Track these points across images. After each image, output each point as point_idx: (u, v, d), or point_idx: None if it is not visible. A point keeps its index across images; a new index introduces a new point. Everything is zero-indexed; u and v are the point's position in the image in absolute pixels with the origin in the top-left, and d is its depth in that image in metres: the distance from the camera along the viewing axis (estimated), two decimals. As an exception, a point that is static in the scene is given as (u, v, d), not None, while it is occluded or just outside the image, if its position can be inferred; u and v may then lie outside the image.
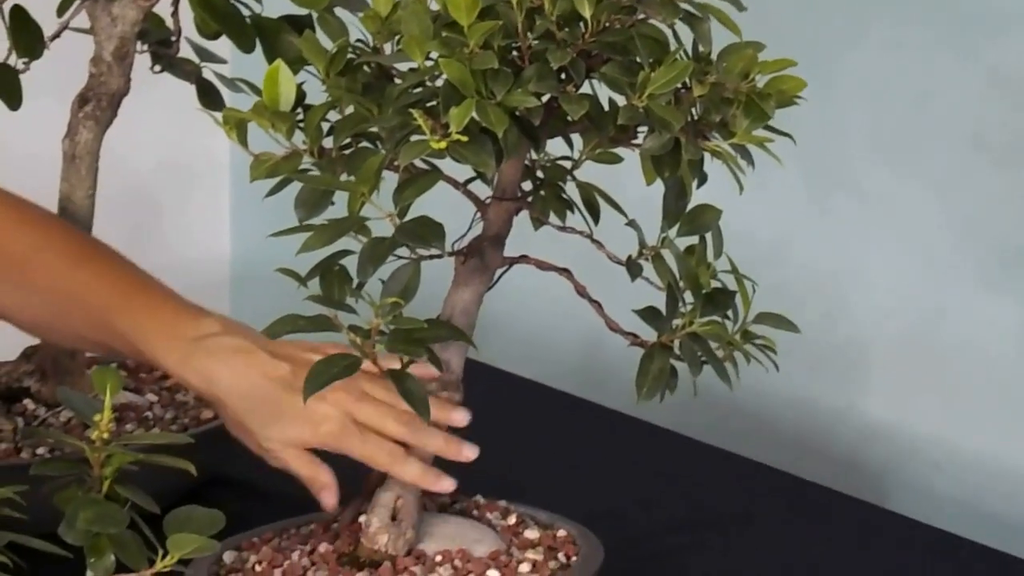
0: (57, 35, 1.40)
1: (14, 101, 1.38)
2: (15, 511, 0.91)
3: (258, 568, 1.16)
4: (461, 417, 1.16)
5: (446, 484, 1.15)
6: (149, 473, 1.01)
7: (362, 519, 1.16)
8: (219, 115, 1.12)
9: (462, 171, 1.14)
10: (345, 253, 1.12)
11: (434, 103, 1.06)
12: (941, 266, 1.69)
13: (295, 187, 1.11)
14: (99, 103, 1.38)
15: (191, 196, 2.36)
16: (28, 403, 1.42)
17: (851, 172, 1.75)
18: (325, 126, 1.12)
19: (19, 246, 1.24)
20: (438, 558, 1.15)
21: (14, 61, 1.39)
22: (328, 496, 1.16)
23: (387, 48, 1.14)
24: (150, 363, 1.21)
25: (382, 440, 1.15)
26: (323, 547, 1.17)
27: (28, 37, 1.38)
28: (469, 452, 1.16)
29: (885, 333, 1.73)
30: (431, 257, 1.12)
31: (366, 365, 1.09)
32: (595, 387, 1.74)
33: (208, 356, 1.16)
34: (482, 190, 1.17)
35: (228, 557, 1.17)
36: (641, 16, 1.08)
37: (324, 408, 1.14)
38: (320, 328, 1.10)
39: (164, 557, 0.94)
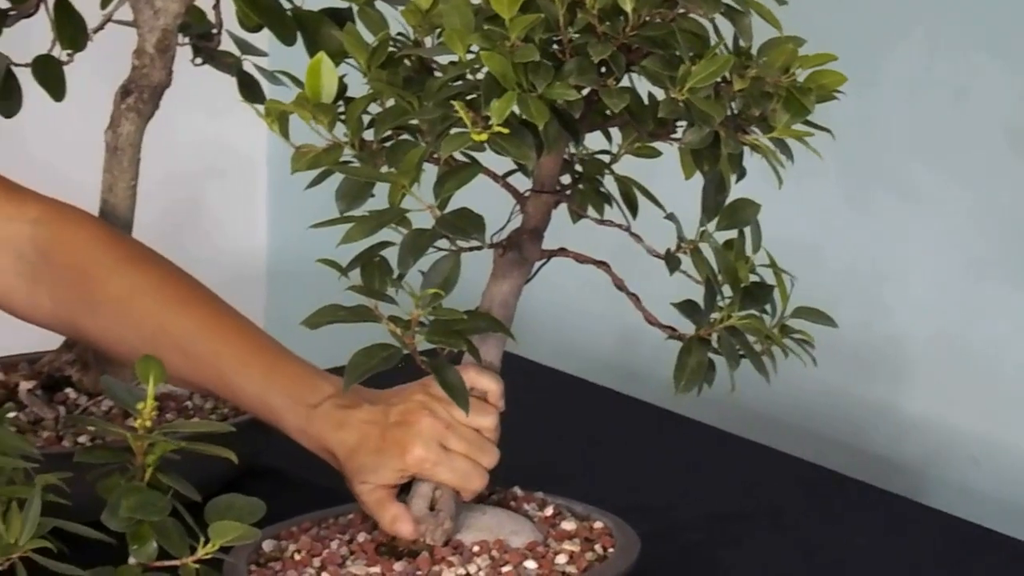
0: (100, 27, 1.41)
1: (58, 92, 1.39)
2: (59, 497, 0.91)
3: (297, 557, 1.17)
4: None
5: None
6: (189, 462, 1.01)
7: (400, 509, 1.17)
8: (261, 107, 1.13)
9: (501, 165, 1.15)
10: (385, 245, 1.12)
11: (475, 96, 1.07)
12: (978, 263, 1.68)
13: (332, 181, 1.12)
14: (141, 95, 1.39)
15: (228, 189, 2.38)
16: (70, 392, 1.43)
17: (888, 170, 1.74)
18: (366, 119, 1.12)
19: (118, 287, 1.24)
20: (475, 548, 1.15)
21: (58, 53, 1.40)
22: (402, 526, 1.15)
23: (428, 41, 1.14)
24: (265, 419, 1.22)
25: (474, 464, 1.15)
26: (361, 537, 1.18)
27: (72, 29, 1.40)
28: None
29: (922, 330, 1.73)
30: (471, 249, 1.12)
31: (442, 391, 1.11)
32: (631, 381, 1.74)
33: (323, 421, 1.18)
34: (521, 183, 1.18)
35: (267, 546, 1.18)
36: (682, 10, 1.09)
37: (412, 436, 1.15)
38: (360, 319, 1.10)
39: (205, 544, 0.95)
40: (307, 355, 1.27)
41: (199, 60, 1.46)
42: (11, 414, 1.38)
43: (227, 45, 1.46)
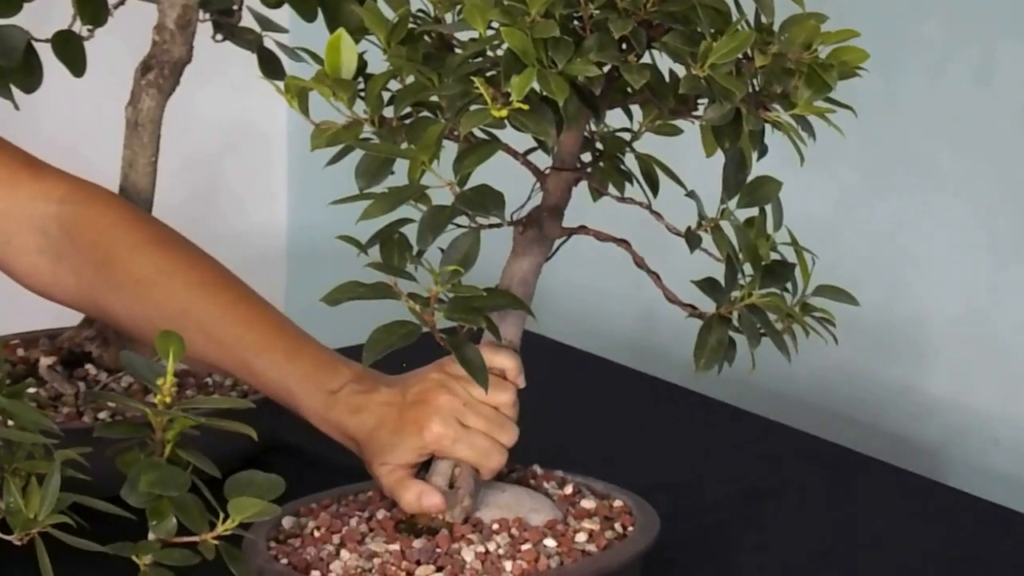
0: (121, 2, 1.41)
1: (78, 68, 1.39)
2: (79, 473, 0.92)
3: (316, 534, 1.17)
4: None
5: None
6: (208, 438, 1.02)
7: (419, 487, 1.17)
8: (281, 84, 1.13)
9: (521, 142, 1.14)
10: (405, 222, 1.12)
11: (495, 72, 1.06)
12: (1000, 244, 1.68)
13: (351, 159, 1.11)
14: (162, 71, 1.39)
15: (247, 167, 2.38)
16: (90, 368, 1.43)
17: (910, 149, 1.74)
18: (386, 95, 1.12)
19: (143, 268, 1.24)
20: (495, 526, 1.15)
21: (79, 28, 1.40)
22: (429, 499, 1.15)
23: (448, 18, 1.14)
24: (285, 404, 1.22)
25: (493, 442, 1.15)
26: (381, 514, 1.18)
27: (93, 4, 1.39)
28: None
29: (944, 310, 1.72)
30: (491, 226, 1.12)
31: (459, 370, 1.10)
32: (650, 359, 1.74)
33: (342, 407, 1.18)
34: (541, 161, 1.18)
35: (287, 522, 1.18)
36: (703, -14, 1.08)
37: (429, 413, 1.15)
38: (380, 295, 1.10)
39: (225, 520, 0.95)
40: (326, 333, 1.27)
41: (219, 36, 1.45)
42: (31, 390, 1.39)
43: (247, 21, 1.46)
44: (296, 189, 2.39)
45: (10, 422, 0.92)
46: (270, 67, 1.44)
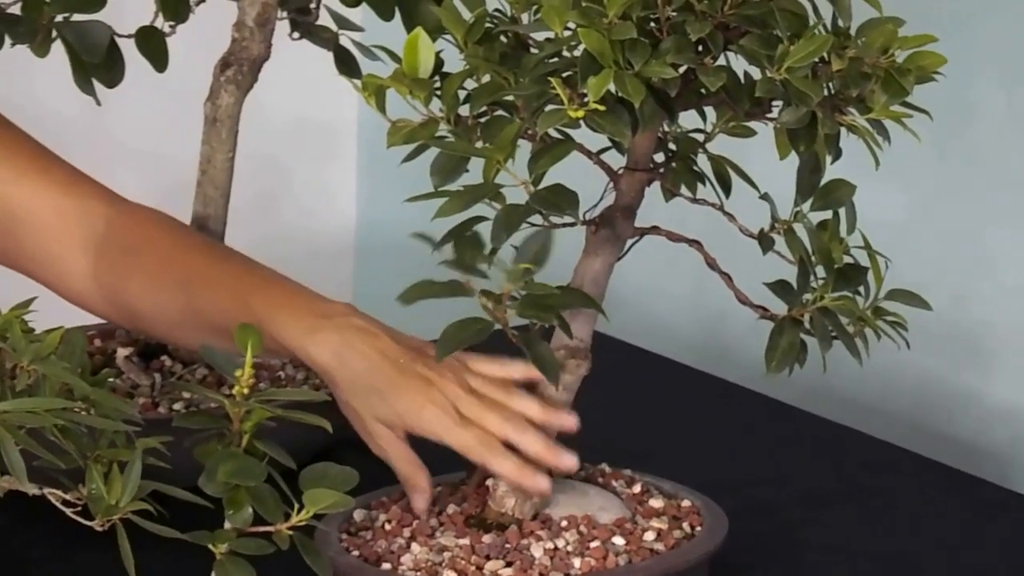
0: (203, 0, 1.42)
1: (161, 63, 1.41)
2: (159, 461, 0.93)
3: (387, 527, 1.18)
4: (571, 423, 1.16)
5: (541, 484, 1.15)
6: (282, 430, 1.03)
7: (490, 483, 1.18)
8: (358, 82, 1.14)
9: (594, 142, 1.15)
10: (478, 219, 1.13)
11: (571, 73, 1.07)
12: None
13: (422, 158, 1.12)
14: (240, 68, 1.40)
15: (317, 163, 2.39)
16: (165, 359, 1.45)
17: (982, 154, 1.73)
18: (462, 94, 1.13)
19: (157, 248, 1.27)
20: (564, 523, 1.16)
21: (161, 24, 1.41)
22: (419, 499, 1.17)
23: (525, 18, 1.15)
24: (276, 341, 1.20)
25: (481, 432, 1.15)
26: (451, 508, 1.19)
27: (175, 1, 1.41)
28: (568, 461, 1.16)
29: (1013, 315, 1.71)
30: (564, 225, 1.13)
31: (486, 368, 1.12)
32: (717, 361, 1.74)
33: (335, 332, 1.18)
34: (614, 161, 1.18)
35: (358, 515, 1.19)
36: (780, -11, 1.08)
37: (432, 393, 1.15)
38: (453, 293, 1.11)
39: (299, 511, 0.96)
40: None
41: (296, 35, 1.47)
42: (108, 380, 1.40)
43: (324, 20, 1.47)
44: (365, 186, 2.40)
45: (92, 410, 0.93)
46: (346, 65, 1.46)
